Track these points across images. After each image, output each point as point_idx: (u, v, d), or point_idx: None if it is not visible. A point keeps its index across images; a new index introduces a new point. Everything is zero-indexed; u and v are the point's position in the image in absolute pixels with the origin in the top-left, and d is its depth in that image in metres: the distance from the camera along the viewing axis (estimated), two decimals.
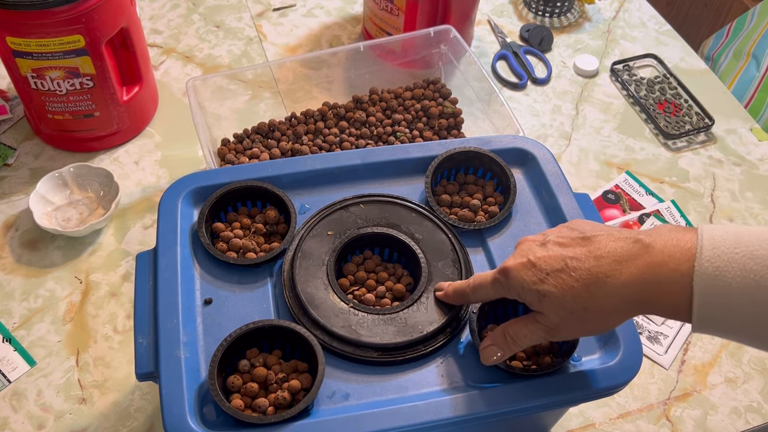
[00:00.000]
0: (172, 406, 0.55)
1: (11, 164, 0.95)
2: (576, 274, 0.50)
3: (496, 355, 0.56)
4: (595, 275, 0.49)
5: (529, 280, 0.52)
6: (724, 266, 0.45)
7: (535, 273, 0.52)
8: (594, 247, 0.51)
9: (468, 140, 0.73)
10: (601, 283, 0.49)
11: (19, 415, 0.74)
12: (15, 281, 0.84)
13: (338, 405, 0.57)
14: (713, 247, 0.46)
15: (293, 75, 1.01)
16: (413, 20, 1.02)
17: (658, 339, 0.84)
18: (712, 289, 0.46)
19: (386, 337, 0.59)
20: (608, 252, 0.50)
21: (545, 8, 1.21)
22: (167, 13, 1.16)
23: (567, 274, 0.50)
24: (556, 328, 0.52)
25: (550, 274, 0.51)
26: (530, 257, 0.52)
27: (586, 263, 0.50)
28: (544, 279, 0.51)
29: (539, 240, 0.54)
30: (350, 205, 0.68)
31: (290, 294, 0.62)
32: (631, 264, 0.49)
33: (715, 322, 0.47)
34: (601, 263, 0.50)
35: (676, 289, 0.47)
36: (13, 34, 0.81)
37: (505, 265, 0.54)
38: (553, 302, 0.51)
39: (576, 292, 0.50)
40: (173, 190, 0.68)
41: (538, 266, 0.52)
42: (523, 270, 0.52)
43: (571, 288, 0.50)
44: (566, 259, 0.51)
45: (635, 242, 0.49)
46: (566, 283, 0.50)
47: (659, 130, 1.05)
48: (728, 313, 0.46)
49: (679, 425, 0.78)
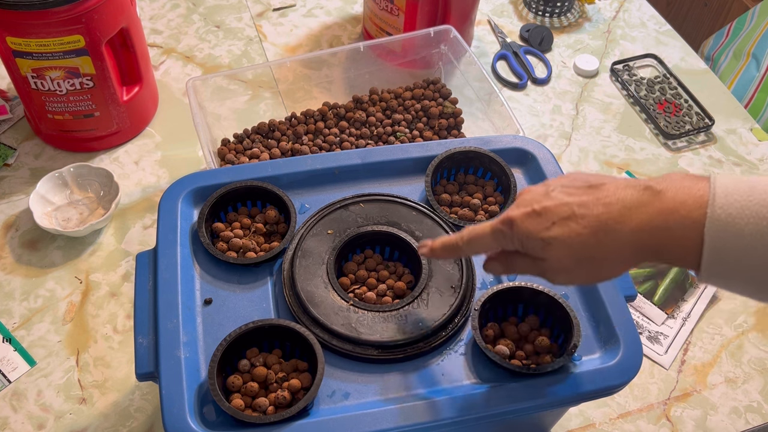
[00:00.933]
0: (172, 406, 0.55)
1: (11, 164, 0.95)
2: (584, 221, 0.49)
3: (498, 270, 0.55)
4: (604, 222, 0.48)
5: (534, 229, 0.50)
6: (736, 213, 0.45)
7: (541, 222, 0.50)
8: (602, 194, 0.50)
9: (468, 140, 0.73)
10: (610, 230, 0.48)
11: (19, 415, 0.74)
12: (15, 281, 0.84)
13: (338, 404, 0.57)
14: (726, 195, 0.46)
15: (293, 75, 1.02)
16: (413, 20, 1.02)
17: (658, 339, 0.84)
18: (723, 235, 0.45)
19: (386, 334, 0.59)
20: (617, 199, 0.49)
21: (545, 8, 1.21)
22: (167, 13, 1.16)
23: (575, 221, 0.49)
24: (556, 272, 0.51)
25: (557, 223, 0.50)
26: (535, 207, 0.51)
27: (595, 210, 0.49)
28: (550, 227, 0.50)
29: (542, 190, 0.52)
30: (350, 204, 0.68)
31: (290, 293, 0.62)
32: (641, 210, 0.48)
33: (723, 269, 0.46)
34: (610, 210, 0.49)
35: (687, 236, 0.46)
36: (13, 34, 0.81)
37: (509, 215, 0.52)
38: (558, 249, 0.50)
39: (584, 239, 0.49)
40: (173, 190, 0.68)
41: (544, 215, 0.50)
42: (528, 219, 0.51)
43: (579, 235, 0.49)
44: (573, 207, 0.49)
45: (645, 189, 0.48)
46: (574, 230, 0.49)
47: (659, 130, 1.05)
48: (738, 260, 0.45)
49: (679, 425, 0.78)
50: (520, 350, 0.61)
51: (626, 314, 0.62)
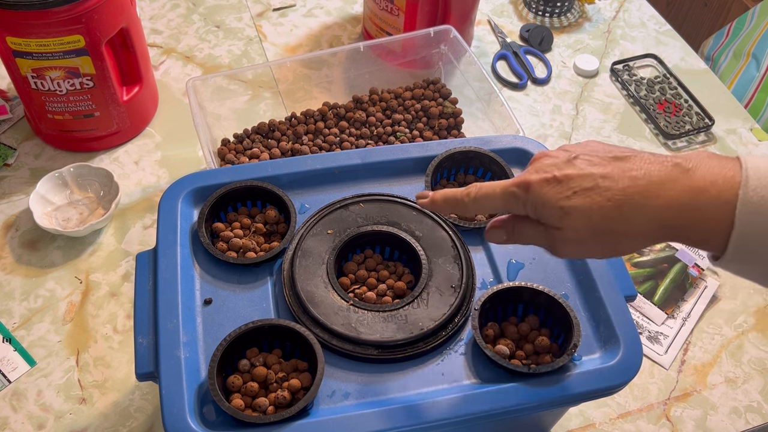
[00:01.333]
0: (172, 406, 0.55)
1: (11, 164, 0.95)
2: (608, 193, 0.47)
3: (498, 238, 0.53)
4: (629, 195, 0.47)
5: (553, 196, 0.48)
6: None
7: (561, 190, 0.48)
8: (629, 166, 0.48)
9: (468, 140, 0.73)
10: (635, 204, 0.47)
11: (19, 415, 0.74)
12: (15, 281, 0.84)
13: (338, 404, 0.57)
14: (758, 177, 0.45)
15: (293, 75, 1.02)
16: (413, 20, 1.02)
17: (658, 339, 0.84)
18: (755, 218, 0.44)
19: (386, 334, 0.59)
20: (645, 173, 0.47)
21: (545, 8, 1.21)
22: (167, 13, 1.16)
23: (597, 192, 0.47)
24: (568, 243, 0.49)
25: (578, 192, 0.48)
26: (556, 173, 0.48)
27: (621, 183, 0.47)
28: (571, 196, 0.48)
29: (564, 156, 0.50)
30: (350, 204, 0.68)
31: (290, 292, 0.62)
32: (669, 187, 0.47)
33: (748, 254, 0.45)
34: (637, 183, 0.47)
35: (716, 217, 0.45)
36: (13, 34, 0.81)
37: (527, 179, 0.49)
38: (577, 219, 0.48)
39: (605, 211, 0.47)
40: (173, 190, 0.68)
41: (564, 183, 0.48)
42: (547, 186, 0.48)
43: (601, 207, 0.47)
44: (597, 178, 0.48)
45: (675, 166, 0.47)
46: (596, 201, 0.47)
47: (659, 130, 1.05)
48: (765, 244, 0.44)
49: (679, 425, 0.78)
50: (520, 350, 0.61)
51: (626, 314, 0.62)
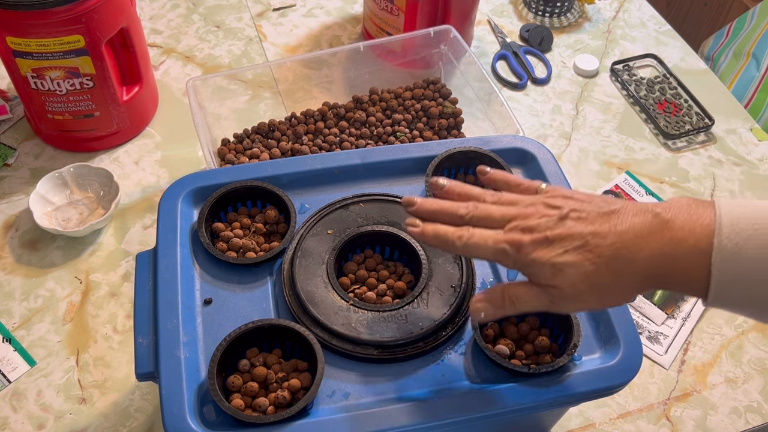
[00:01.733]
0: (172, 406, 0.55)
1: (11, 164, 0.95)
2: (598, 250, 0.49)
3: (487, 313, 0.53)
4: (617, 251, 0.48)
5: (546, 255, 0.49)
6: (743, 243, 0.45)
7: (554, 249, 0.50)
8: (615, 221, 0.49)
9: (468, 140, 0.73)
10: (623, 259, 0.48)
11: (19, 415, 0.74)
12: (15, 281, 0.84)
13: (338, 404, 0.57)
14: (732, 224, 0.46)
15: (293, 75, 1.02)
16: (413, 20, 1.02)
17: (658, 339, 0.84)
18: (729, 265, 0.46)
19: (386, 334, 0.59)
20: (630, 227, 0.49)
21: (545, 8, 1.21)
22: (167, 13, 1.16)
23: (588, 249, 0.49)
24: (566, 300, 0.50)
25: (569, 251, 0.49)
26: (548, 234, 0.50)
27: (609, 239, 0.49)
28: (563, 254, 0.49)
29: (555, 214, 0.51)
30: (350, 204, 0.68)
31: (290, 292, 0.62)
32: (651, 239, 0.48)
33: (730, 297, 0.47)
34: (623, 238, 0.49)
35: (695, 265, 0.47)
36: (13, 34, 0.81)
37: (520, 240, 0.50)
38: (570, 277, 0.49)
39: (597, 267, 0.49)
40: (173, 190, 0.68)
41: (556, 243, 0.50)
42: (538, 246, 0.50)
43: (594, 264, 0.49)
44: (587, 236, 0.49)
45: (655, 216, 0.49)
46: (588, 258, 0.49)
47: (659, 130, 1.05)
48: (745, 289, 0.46)
49: (679, 425, 0.78)
50: (520, 350, 0.61)
51: (626, 314, 0.62)
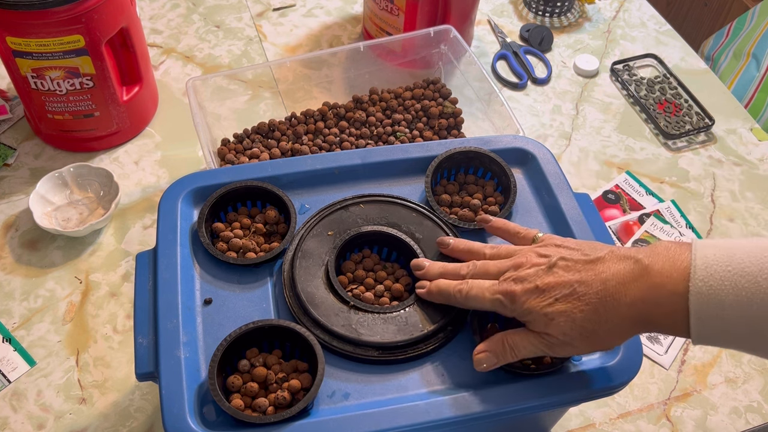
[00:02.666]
0: (172, 406, 0.55)
1: (11, 164, 0.95)
2: (585, 298, 0.52)
3: (490, 363, 0.57)
4: (602, 298, 0.51)
5: (538, 305, 0.53)
6: (717, 285, 0.47)
7: (544, 299, 0.53)
8: (600, 268, 0.52)
9: (468, 140, 0.73)
10: (608, 306, 0.51)
11: (19, 415, 0.74)
12: (15, 281, 0.84)
13: (338, 404, 0.57)
14: (706, 267, 0.48)
15: (293, 75, 1.02)
16: (413, 20, 1.02)
17: (658, 339, 0.84)
18: (706, 307, 0.47)
19: (386, 335, 0.59)
20: (613, 274, 0.51)
21: (545, 8, 1.21)
22: (167, 13, 1.16)
23: (576, 297, 0.52)
24: (560, 346, 0.53)
25: (559, 299, 0.52)
26: (538, 283, 0.53)
27: (594, 287, 0.52)
28: (553, 303, 0.52)
29: (544, 263, 0.54)
30: (350, 205, 0.68)
31: (290, 293, 0.62)
32: (633, 285, 0.50)
33: (712, 337, 0.49)
34: (607, 286, 0.51)
35: (674, 309, 0.49)
36: (13, 34, 0.81)
37: (511, 290, 0.54)
38: (562, 325, 0.52)
39: (585, 315, 0.51)
40: (173, 190, 0.68)
41: (546, 292, 0.53)
42: (531, 295, 0.53)
43: (581, 311, 0.51)
44: (574, 284, 0.52)
45: (636, 263, 0.51)
46: (576, 306, 0.52)
47: (659, 130, 1.05)
48: (724, 329, 0.48)
49: (679, 425, 0.78)
50: None
51: None
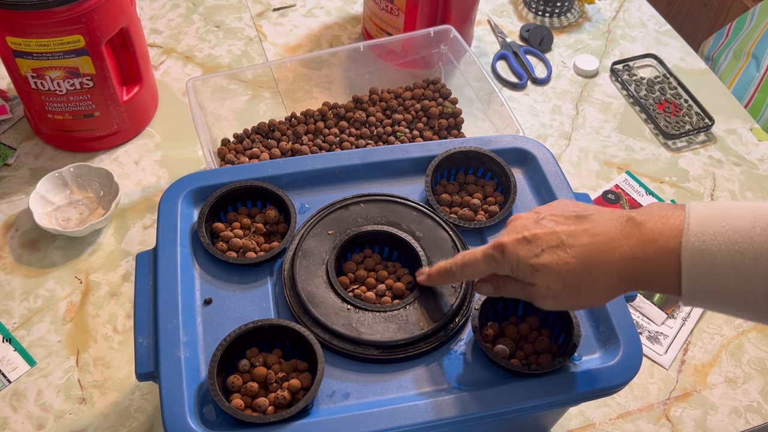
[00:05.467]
0: (172, 406, 0.55)
1: (11, 164, 0.95)
2: (572, 250, 0.51)
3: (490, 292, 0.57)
4: (590, 252, 0.51)
5: (524, 255, 0.52)
6: (710, 240, 0.47)
7: (531, 249, 0.52)
8: (589, 225, 0.52)
9: (468, 140, 0.73)
10: (596, 260, 0.51)
11: (19, 415, 0.74)
12: (15, 281, 0.84)
13: (338, 404, 0.57)
14: (699, 223, 0.48)
15: (293, 75, 1.01)
16: (413, 20, 1.02)
17: (658, 339, 0.84)
18: (698, 262, 0.47)
19: (387, 334, 0.59)
20: (603, 230, 0.51)
21: (545, 8, 1.21)
22: (167, 13, 1.16)
23: (563, 250, 0.51)
24: (543, 298, 0.53)
25: (546, 250, 0.52)
26: (525, 234, 0.53)
27: (582, 240, 0.51)
28: (539, 254, 0.52)
29: (533, 218, 0.54)
30: (350, 204, 0.68)
31: (290, 293, 0.62)
32: (623, 242, 0.50)
33: (703, 294, 0.48)
34: (596, 240, 0.51)
35: (665, 265, 0.49)
36: (13, 34, 0.81)
37: (501, 241, 0.54)
38: (547, 276, 0.52)
39: (571, 267, 0.51)
40: (173, 190, 0.68)
41: (533, 242, 0.52)
42: (519, 246, 0.53)
43: (567, 264, 0.51)
44: (562, 236, 0.52)
45: (628, 221, 0.51)
46: (562, 258, 0.51)
47: (659, 130, 1.05)
48: (715, 285, 0.47)
49: (679, 425, 0.78)
50: (520, 350, 0.61)
51: (626, 314, 0.62)
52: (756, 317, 0.49)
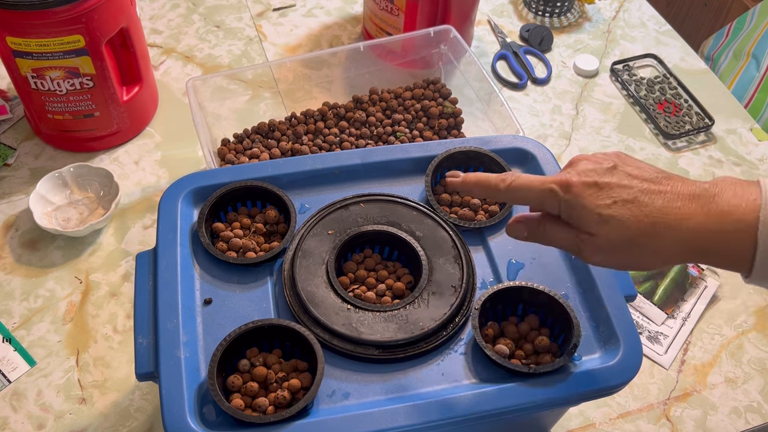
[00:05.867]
0: (172, 406, 0.55)
1: (11, 164, 0.95)
2: (646, 209, 0.49)
3: (519, 234, 0.55)
4: (664, 215, 0.49)
5: (594, 202, 0.50)
6: None
7: (601, 196, 0.50)
8: (666, 187, 0.50)
9: (468, 140, 0.73)
10: (668, 225, 0.49)
11: (19, 415, 0.74)
12: (15, 281, 0.84)
13: (338, 404, 0.57)
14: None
15: (293, 75, 1.01)
16: (413, 20, 1.02)
17: (658, 339, 0.84)
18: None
19: (387, 334, 0.59)
20: (679, 196, 0.50)
21: (545, 8, 1.21)
22: (167, 13, 1.16)
23: (636, 206, 0.49)
24: (598, 250, 0.51)
25: (618, 202, 0.49)
26: (597, 179, 0.50)
27: (657, 202, 0.49)
28: (611, 205, 0.49)
29: (605, 164, 0.52)
30: (350, 204, 0.68)
31: (290, 293, 0.62)
32: (698, 211, 0.49)
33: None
34: (671, 205, 0.49)
35: (740, 238, 0.48)
36: (13, 34, 0.81)
37: (567, 179, 0.51)
38: (613, 229, 0.49)
39: (642, 226, 0.49)
40: (173, 190, 0.68)
41: (605, 190, 0.50)
42: (588, 190, 0.50)
43: (639, 221, 0.49)
44: (637, 192, 0.50)
45: (704, 191, 0.49)
46: (634, 214, 0.49)
47: (659, 130, 1.05)
48: None
49: (679, 425, 0.78)
50: (519, 350, 0.61)
51: (626, 314, 0.62)
52: None
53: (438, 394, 0.57)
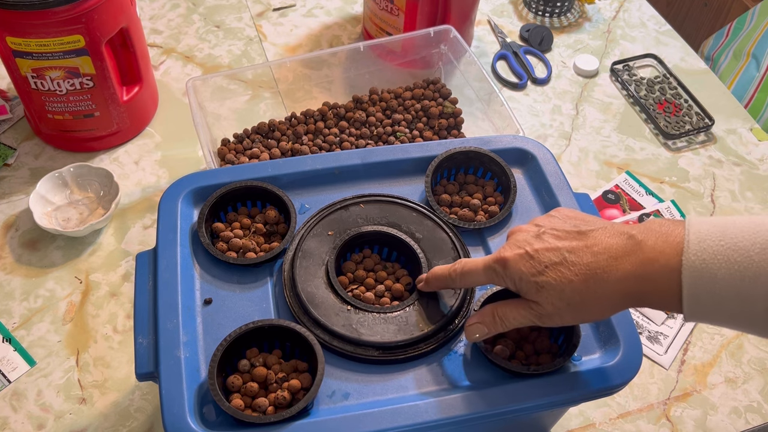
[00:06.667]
0: (172, 406, 0.55)
1: (11, 164, 0.95)
2: (575, 268, 0.51)
3: (481, 333, 0.57)
4: (593, 270, 0.51)
5: (528, 271, 0.52)
6: (710, 259, 0.47)
7: (534, 265, 0.52)
8: (591, 242, 0.52)
9: (468, 140, 0.73)
10: (598, 278, 0.50)
11: (19, 415, 0.74)
12: (15, 281, 0.84)
13: (338, 404, 0.57)
14: (699, 241, 0.47)
15: (293, 75, 1.01)
16: (413, 20, 1.02)
17: (658, 339, 0.84)
18: (699, 281, 0.47)
19: (387, 335, 0.59)
20: (605, 248, 0.51)
21: (545, 8, 1.21)
22: (167, 13, 1.16)
23: (566, 267, 0.51)
24: (549, 316, 0.53)
25: (549, 267, 0.52)
26: (527, 249, 0.53)
27: (584, 258, 0.51)
28: (543, 271, 0.52)
29: (534, 231, 0.54)
30: (350, 204, 0.68)
31: (290, 293, 0.62)
32: (625, 260, 0.50)
33: (704, 312, 0.48)
34: (598, 259, 0.51)
35: (666, 284, 0.48)
36: (13, 34, 0.81)
37: (503, 255, 0.54)
38: (550, 294, 0.52)
39: (574, 285, 0.51)
40: (173, 190, 0.68)
41: (536, 258, 0.52)
42: (522, 261, 0.53)
43: (570, 281, 0.51)
44: (564, 253, 0.52)
45: (629, 238, 0.51)
46: (565, 276, 0.51)
47: (659, 130, 1.05)
48: (716, 303, 0.47)
49: (679, 425, 0.78)
50: (520, 350, 0.61)
51: (626, 314, 0.62)
52: (758, 332, 0.49)
53: (438, 395, 0.57)
